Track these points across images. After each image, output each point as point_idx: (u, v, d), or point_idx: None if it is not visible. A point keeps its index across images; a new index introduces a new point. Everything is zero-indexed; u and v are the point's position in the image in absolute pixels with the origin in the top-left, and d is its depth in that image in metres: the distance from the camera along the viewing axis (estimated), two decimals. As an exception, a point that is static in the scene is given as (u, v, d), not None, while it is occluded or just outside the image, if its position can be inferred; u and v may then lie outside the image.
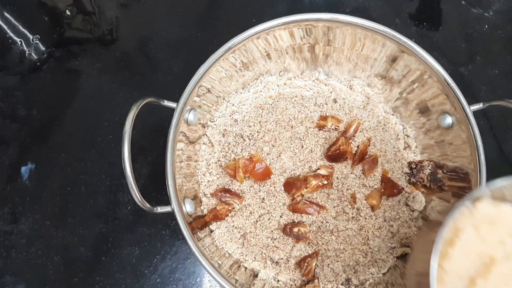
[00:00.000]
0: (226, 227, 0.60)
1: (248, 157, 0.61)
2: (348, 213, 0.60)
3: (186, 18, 0.80)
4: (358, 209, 0.60)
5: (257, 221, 0.60)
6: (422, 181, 0.62)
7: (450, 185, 0.59)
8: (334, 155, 0.60)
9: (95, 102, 0.76)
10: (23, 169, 0.72)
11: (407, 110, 0.65)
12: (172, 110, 0.54)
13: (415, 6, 0.80)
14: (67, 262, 0.68)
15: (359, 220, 0.60)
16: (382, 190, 0.61)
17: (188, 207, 0.57)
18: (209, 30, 0.79)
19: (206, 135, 0.64)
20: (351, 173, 0.61)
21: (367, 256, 0.60)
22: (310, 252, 0.59)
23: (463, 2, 0.80)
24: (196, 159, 0.63)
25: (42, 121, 0.76)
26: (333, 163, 0.61)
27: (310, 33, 0.60)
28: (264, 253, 0.59)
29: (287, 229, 0.59)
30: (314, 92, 0.66)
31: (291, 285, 0.59)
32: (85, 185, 0.71)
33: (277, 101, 0.65)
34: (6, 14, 0.81)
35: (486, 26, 0.79)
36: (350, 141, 0.62)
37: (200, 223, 0.59)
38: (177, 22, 0.80)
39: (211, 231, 0.61)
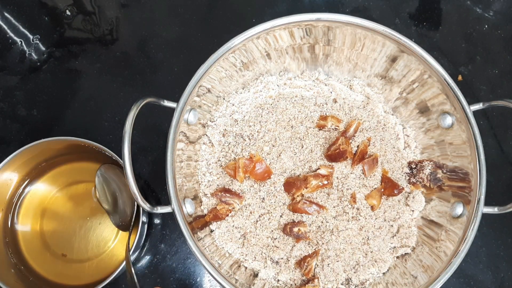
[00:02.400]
0: (226, 227, 0.60)
1: (248, 157, 0.61)
2: (348, 213, 0.60)
3: (186, 18, 0.80)
4: (358, 209, 0.60)
5: (257, 221, 0.60)
6: (422, 181, 0.62)
7: (450, 185, 0.59)
8: (334, 155, 0.60)
9: (95, 102, 0.76)
10: (23, 169, 0.72)
11: (407, 110, 0.65)
12: (172, 110, 0.54)
13: (415, 6, 0.80)
14: (67, 262, 0.68)
15: (359, 220, 0.60)
16: (382, 190, 0.61)
17: (188, 207, 0.57)
18: (209, 30, 0.79)
19: (206, 135, 0.64)
20: (351, 173, 0.61)
21: (367, 256, 0.60)
22: (310, 252, 0.59)
23: (463, 2, 0.80)
24: (196, 159, 0.63)
25: (42, 121, 0.76)
26: (333, 163, 0.61)
27: (310, 33, 0.60)
28: (264, 253, 0.60)
29: (287, 229, 0.59)
30: (314, 92, 0.66)
31: (291, 284, 0.59)
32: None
33: (277, 101, 0.65)
34: (6, 14, 0.81)
35: (486, 26, 0.79)
36: (350, 141, 0.62)
37: (200, 223, 0.59)
38: (177, 22, 0.80)
39: (211, 231, 0.61)
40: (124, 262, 0.60)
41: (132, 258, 0.64)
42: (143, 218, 0.64)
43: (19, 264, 0.65)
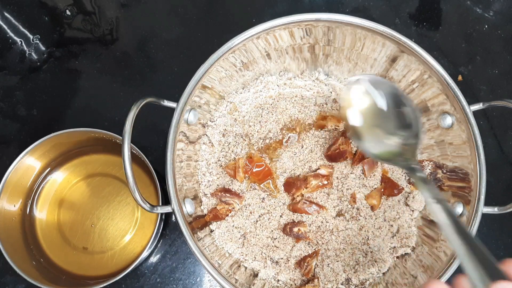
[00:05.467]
0: (226, 227, 0.60)
1: (248, 157, 0.61)
2: (348, 213, 0.60)
3: (186, 18, 0.80)
4: (358, 209, 0.60)
5: (257, 221, 0.60)
6: (422, 181, 0.62)
7: (449, 185, 0.59)
8: (334, 155, 0.60)
9: (95, 102, 0.76)
10: (23, 169, 0.72)
11: (407, 110, 0.65)
12: (172, 110, 0.54)
13: (415, 6, 0.80)
14: (67, 262, 0.68)
15: (359, 220, 0.60)
16: (382, 190, 0.61)
17: (188, 207, 0.57)
18: (209, 30, 0.79)
19: (206, 135, 0.64)
20: (351, 173, 0.61)
21: (367, 256, 0.60)
22: (310, 252, 0.59)
23: (463, 2, 0.80)
24: (196, 159, 0.63)
25: (42, 121, 0.76)
26: (333, 163, 0.61)
27: (310, 33, 0.60)
28: (264, 253, 0.60)
29: (287, 229, 0.59)
30: (314, 92, 0.66)
31: (291, 284, 0.59)
32: (85, 185, 0.71)
33: (277, 101, 0.65)
34: (6, 14, 0.81)
35: (486, 26, 0.79)
36: (350, 141, 0.62)
37: (200, 223, 0.59)
38: (177, 22, 0.80)
39: (211, 231, 0.61)
40: (144, 252, 0.62)
41: (141, 257, 0.65)
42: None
43: (38, 255, 0.67)
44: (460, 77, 0.76)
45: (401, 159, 0.50)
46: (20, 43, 0.80)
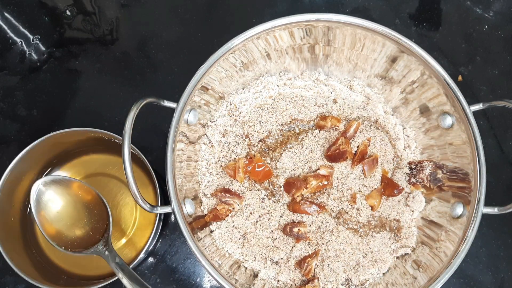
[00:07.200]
0: (226, 227, 0.60)
1: (248, 157, 0.61)
2: (348, 213, 0.60)
3: (186, 18, 0.80)
4: (358, 209, 0.60)
5: (257, 221, 0.60)
6: (422, 181, 0.62)
7: (450, 185, 0.59)
8: (334, 155, 0.60)
9: (95, 102, 0.76)
10: (23, 169, 0.72)
11: (407, 110, 0.65)
12: (172, 110, 0.54)
13: (415, 6, 0.80)
14: (67, 262, 0.68)
15: (359, 220, 0.60)
16: (382, 190, 0.61)
17: (188, 207, 0.57)
18: (209, 30, 0.79)
19: (206, 135, 0.64)
20: (351, 173, 0.61)
21: (367, 256, 0.60)
22: (310, 252, 0.59)
23: (463, 2, 0.80)
24: (196, 159, 0.63)
25: (42, 121, 0.76)
26: (333, 163, 0.61)
27: (310, 33, 0.60)
28: (264, 253, 0.60)
29: (287, 229, 0.59)
30: (314, 92, 0.66)
31: (291, 285, 0.59)
32: (85, 185, 0.71)
33: (277, 101, 0.65)
34: (6, 14, 0.81)
35: (486, 26, 0.79)
36: (350, 141, 0.62)
37: (200, 223, 0.59)
38: (177, 22, 0.80)
39: (211, 231, 0.61)
40: (144, 250, 0.62)
41: (139, 257, 0.65)
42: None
43: (38, 255, 0.66)
44: (460, 77, 0.76)
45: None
46: (20, 43, 0.79)
